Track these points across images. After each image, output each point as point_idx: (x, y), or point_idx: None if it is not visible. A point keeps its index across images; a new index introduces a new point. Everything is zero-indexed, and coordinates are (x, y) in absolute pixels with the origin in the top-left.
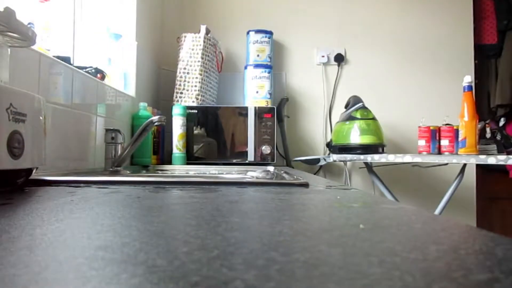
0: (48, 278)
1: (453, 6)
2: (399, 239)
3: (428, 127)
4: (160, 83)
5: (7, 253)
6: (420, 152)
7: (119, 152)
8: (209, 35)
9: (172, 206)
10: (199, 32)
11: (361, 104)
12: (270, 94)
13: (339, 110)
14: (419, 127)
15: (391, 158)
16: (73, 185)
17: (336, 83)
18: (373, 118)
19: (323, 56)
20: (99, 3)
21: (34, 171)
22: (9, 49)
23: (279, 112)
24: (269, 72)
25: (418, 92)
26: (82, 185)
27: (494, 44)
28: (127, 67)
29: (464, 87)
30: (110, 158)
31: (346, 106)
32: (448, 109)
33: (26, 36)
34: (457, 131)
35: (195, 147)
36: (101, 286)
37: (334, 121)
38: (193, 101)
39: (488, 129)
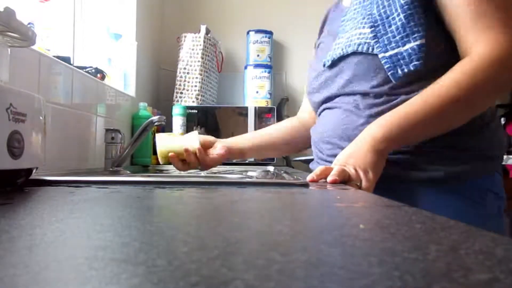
0: (48, 278)
1: None
2: (399, 239)
3: None
4: (160, 83)
5: (7, 253)
6: None
7: (119, 152)
8: (209, 35)
9: (172, 206)
10: (199, 32)
11: None
12: (270, 94)
13: None
14: None
15: None
16: (73, 185)
17: None
18: None
19: None
20: (99, 3)
21: (34, 171)
22: (9, 49)
23: (279, 112)
24: (269, 72)
25: None
26: (82, 185)
27: None
28: (127, 67)
29: None
30: (110, 158)
31: None
32: None
33: (26, 36)
34: None
35: None
36: (101, 286)
37: None
38: (193, 101)
39: None
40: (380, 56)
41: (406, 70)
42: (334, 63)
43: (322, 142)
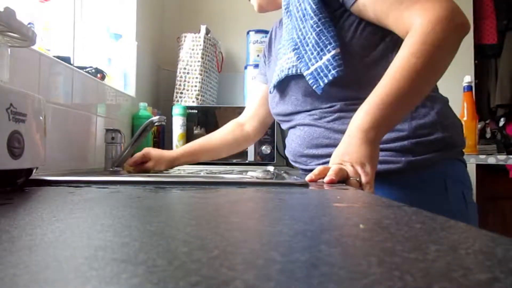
0: (48, 278)
1: None
2: (399, 239)
3: None
4: (160, 83)
5: (7, 253)
6: None
7: (119, 152)
8: (209, 35)
9: (172, 206)
10: (199, 32)
11: None
12: None
13: None
14: None
15: None
16: (73, 185)
17: None
18: None
19: None
20: (99, 3)
21: (34, 171)
22: (9, 49)
23: None
24: None
25: None
26: (82, 185)
27: (494, 44)
28: (127, 67)
29: (464, 87)
30: (110, 158)
31: None
32: None
33: (26, 36)
34: None
35: None
36: (101, 286)
37: None
38: (193, 101)
39: (488, 129)
40: (304, 74)
41: (326, 80)
42: (279, 87)
43: (299, 157)
